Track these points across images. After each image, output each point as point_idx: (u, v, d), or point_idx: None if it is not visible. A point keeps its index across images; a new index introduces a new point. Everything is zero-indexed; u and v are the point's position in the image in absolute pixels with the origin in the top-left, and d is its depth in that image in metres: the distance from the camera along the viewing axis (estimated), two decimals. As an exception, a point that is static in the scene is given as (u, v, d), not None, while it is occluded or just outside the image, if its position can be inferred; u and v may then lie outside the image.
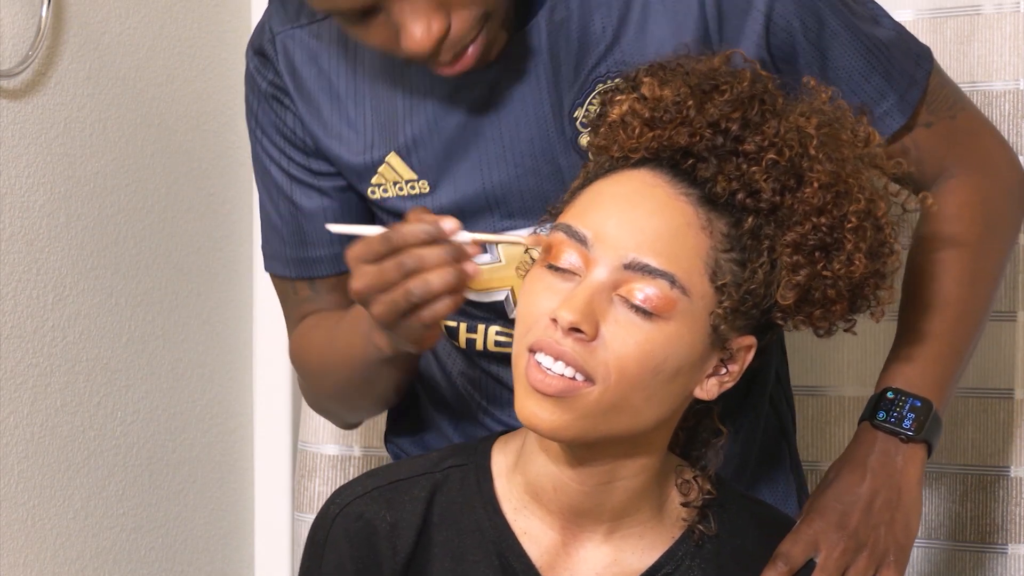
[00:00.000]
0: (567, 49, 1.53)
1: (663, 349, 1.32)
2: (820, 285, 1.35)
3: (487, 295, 1.62)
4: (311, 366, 1.69)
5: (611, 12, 1.52)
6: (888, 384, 1.55)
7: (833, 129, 1.37)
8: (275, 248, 1.71)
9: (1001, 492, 2.03)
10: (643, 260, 1.32)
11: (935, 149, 1.60)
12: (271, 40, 1.64)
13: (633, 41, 1.52)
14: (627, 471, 1.40)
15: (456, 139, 1.57)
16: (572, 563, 1.43)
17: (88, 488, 2.14)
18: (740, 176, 1.34)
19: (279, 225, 1.69)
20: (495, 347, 1.65)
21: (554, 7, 1.53)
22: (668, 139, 1.36)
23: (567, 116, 1.54)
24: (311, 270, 1.68)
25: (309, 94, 1.63)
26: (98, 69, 2.14)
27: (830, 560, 1.46)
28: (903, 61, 1.58)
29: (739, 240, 1.34)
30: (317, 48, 1.62)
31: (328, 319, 1.66)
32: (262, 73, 1.65)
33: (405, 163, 1.60)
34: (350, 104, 1.61)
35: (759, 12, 1.50)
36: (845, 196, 1.34)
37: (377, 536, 1.45)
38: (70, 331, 2.10)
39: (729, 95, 1.36)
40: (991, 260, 1.61)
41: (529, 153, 1.56)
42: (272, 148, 1.66)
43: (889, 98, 1.57)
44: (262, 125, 1.67)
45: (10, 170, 2.00)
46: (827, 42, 1.53)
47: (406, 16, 1.42)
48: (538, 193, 1.56)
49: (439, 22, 1.42)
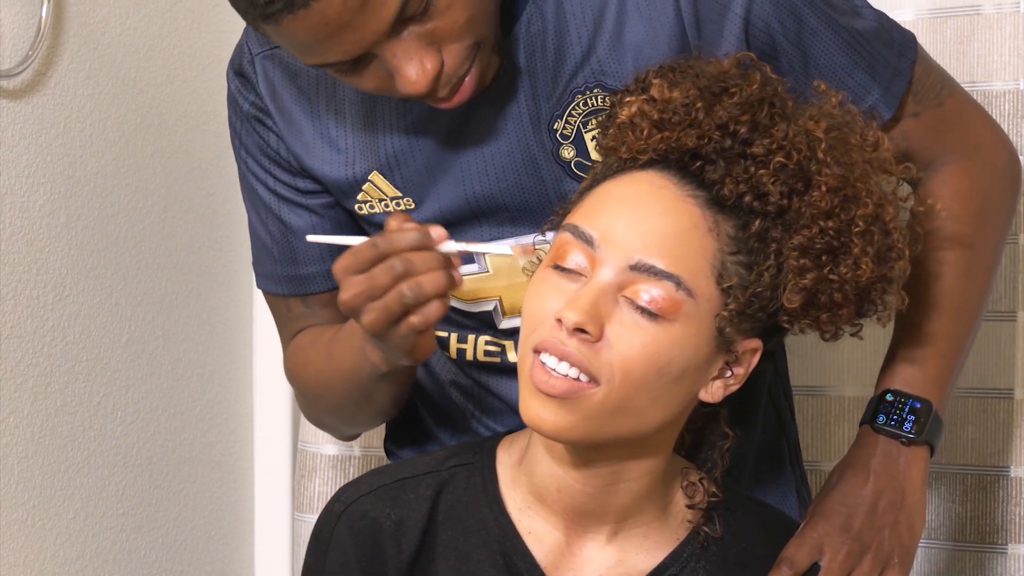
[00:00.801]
0: (544, 61, 1.52)
1: (668, 351, 1.32)
2: (827, 289, 1.35)
3: (475, 305, 1.62)
4: (308, 384, 1.69)
5: (585, 21, 1.51)
6: (887, 385, 1.55)
7: (842, 133, 1.37)
8: (266, 266, 1.70)
9: (1001, 492, 2.03)
10: (649, 261, 1.32)
11: (924, 138, 1.59)
12: (250, 61, 1.63)
13: (609, 49, 1.51)
14: (632, 473, 1.40)
15: (437, 155, 1.57)
16: (576, 563, 1.43)
17: (88, 488, 2.13)
18: (748, 179, 1.34)
19: (268, 244, 1.68)
20: (484, 356, 1.65)
21: (530, 20, 1.52)
22: (676, 141, 1.36)
23: (546, 128, 1.53)
24: (303, 287, 1.68)
25: (290, 114, 1.62)
26: (98, 69, 2.13)
27: (835, 563, 1.47)
28: (886, 53, 1.56)
29: (746, 243, 1.34)
30: (296, 68, 1.61)
31: (323, 335, 1.65)
32: (243, 95, 1.65)
33: (388, 181, 1.59)
34: (330, 123, 1.61)
35: (736, 15, 1.49)
36: (853, 200, 1.34)
37: (382, 534, 1.45)
38: (70, 331, 2.10)
39: (738, 98, 1.36)
40: (986, 250, 1.60)
41: (511, 167, 1.55)
42: (258, 168, 1.66)
43: (874, 92, 1.55)
44: (246, 146, 1.66)
45: (10, 170, 2.00)
46: (807, 40, 1.52)
47: (398, 59, 1.41)
48: (522, 204, 1.56)
49: (432, 60, 1.42)
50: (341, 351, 1.57)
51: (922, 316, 1.56)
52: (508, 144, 1.54)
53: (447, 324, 1.65)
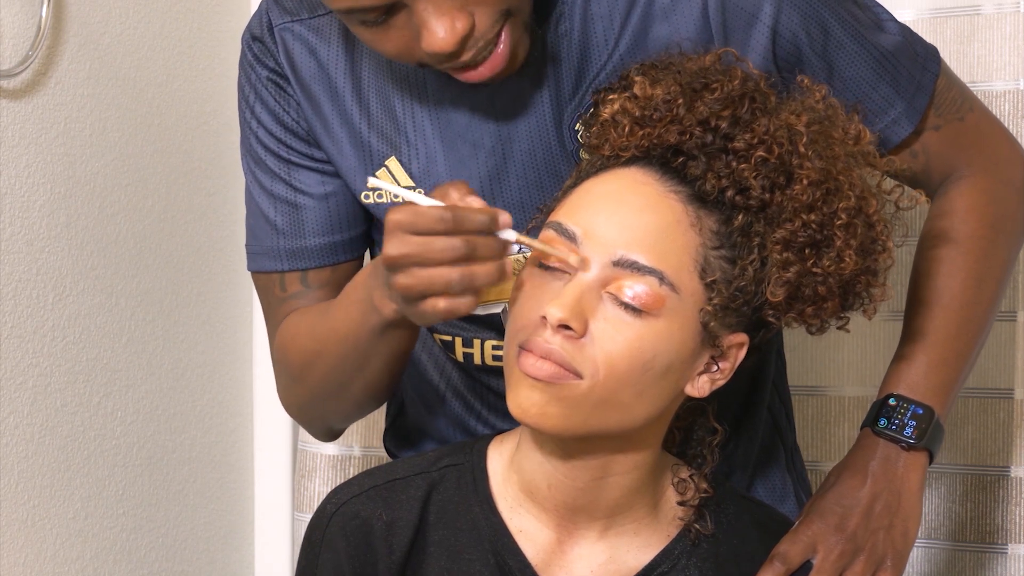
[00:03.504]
0: (569, 60, 1.52)
1: (652, 346, 1.32)
2: (810, 282, 1.35)
3: (483, 308, 1.61)
4: (296, 356, 1.62)
5: (612, 23, 1.51)
6: (891, 389, 1.55)
7: (824, 127, 1.37)
8: (265, 241, 1.66)
9: (1001, 492, 2.03)
10: (632, 257, 1.32)
11: (944, 151, 1.60)
12: (270, 30, 1.61)
13: (633, 52, 1.50)
14: (620, 467, 1.40)
15: (458, 150, 1.56)
16: (568, 561, 1.43)
17: (88, 488, 2.14)
18: (730, 174, 1.34)
19: (272, 215, 1.65)
20: (492, 361, 1.64)
21: (559, 20, 1.51)
22: (658, 137, 1.36)
23: (568, 128, 1.53)
24: (306, 260, 1.64)
25: (309, 89, 1.60)
26: (98, 69, 2.14)
27: (827, 562, 1.46)
28: (910, 67, 1.57)
29: (729, 237, 1.34)
30: (316, 44, 1.59)
31: (317, 307, 1.61)
32: (262, 60, 1.62)
33: (405, 170, 1.58)
34: (350, 103, 1.59)
35: (765, 25, 1.49)
36: (835, 193, 1.34)
37: (374, 535, 1.45)
38: (70, 331, 2.10)
39: (719, 93, 1.36)
40: (998, 263, 1.60)
41: (531, 165, 1.55)
42: (268, 138, 1.63)
43: (897, 106, 1.56)
44: (258, 115, 1.63)
45: (10, 170, 2.01)
46: (833, 53, 1.52)
47: (429, 13, 1.39)
48: (540, 203, 1.54)
49: (463, 20, 1.39)
50: (342, 309, 1.52)
51: (929, 321, 1.56)
52: (530, 142, 1.54)
53: (451, 327, 1.64)
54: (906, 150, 1.58)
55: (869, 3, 1.58)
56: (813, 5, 1.50)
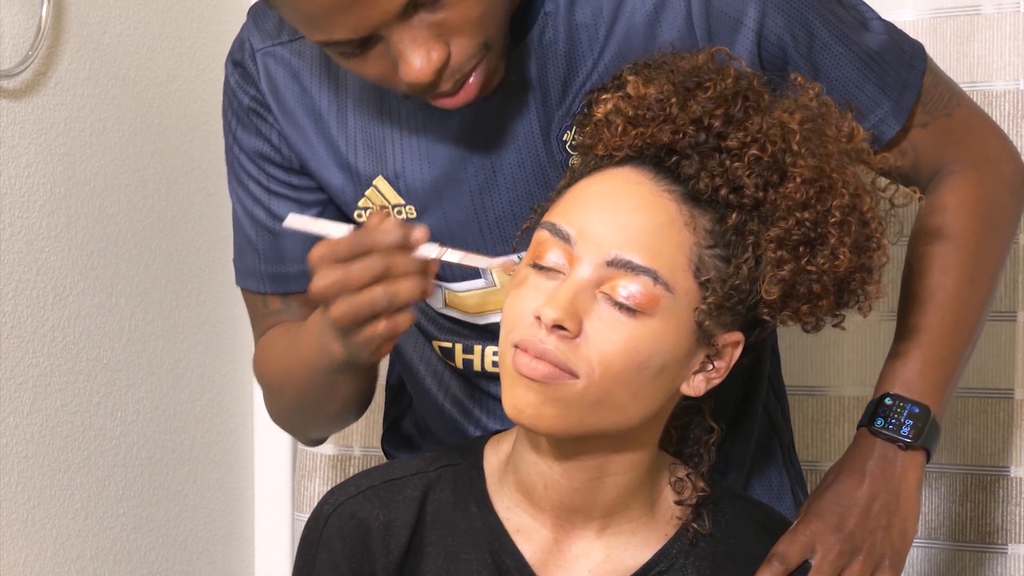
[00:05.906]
0: (555, 71, 1.51)
1: (647, 346, 1.32)
2: (805, 280, 1.34)
3: (482, 318, 1.61)
4: (272, 376, 1.66)
5: (596, 31, 1.51)
6: (886, 389, 1.55)
7: (817, 124, 1.37)
8: (249, 263, 1.68)
9: (1001, 492, 2.03)
10: (626, 256, 1.31)
11: (932, 148, 1.59)
12: (251, 56, 1.61)
13: (619, 60, 1.49)
14: (616, 467, 1.40)
15: (446, 165, 1.55)
16: (565, 560, 1.43)
17: (88, 488, 2.14)
18: (723, 172, 1.33)
19: (254, 238, 1.66)
20: (493, 367, 1.65)
21: (542, 30, 1.51)
22: (651, 137, 1.36)
23: (556, 139, 1.53)
24: (286, 286, 1.66)
25: (292, 114, 1.60)
26: (98, 69, 2.14)
27: (825, 562, 1.46)
28: (896, 66, 1.57)
29: (723, 236, 1.34)
30: (299, 67, 1.59)
31: (291, 328, 1.63)
32: (243, 88, 1.63)
33: (392, 188, 1.58)
34: (334, 126, 1.59)
35: (749, 29, 1.49)
36: (829, 191, 1.34)
37: (371, 535, 1.45)
38: (70, 331, 2.11)
39: (712, 92, 1.36)
40: (990, 258, 1.60)
41: (521, 178, 1.54)
42: (249, 164, 1.64)
43: (884, 105, 1.56)
44: (240, 141, 1.64)
45: (10, 170, 2.01)
46: (818, 55, 1.52)
47: (405, 45, 1.39)
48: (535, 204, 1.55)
49: (439, 51, 1.39)
50: (306, 339, 1.54)
51: (923, 319, 1.56)
52: (518, 155, 1.54)
53: (452, 335, 1.65)
54: (895, 148, 1.58)
55: (854, 2, 1.57)
56: (797, 7, 1.50)
